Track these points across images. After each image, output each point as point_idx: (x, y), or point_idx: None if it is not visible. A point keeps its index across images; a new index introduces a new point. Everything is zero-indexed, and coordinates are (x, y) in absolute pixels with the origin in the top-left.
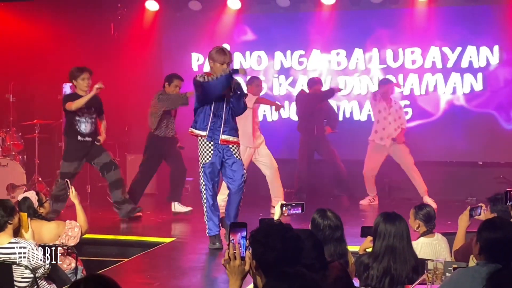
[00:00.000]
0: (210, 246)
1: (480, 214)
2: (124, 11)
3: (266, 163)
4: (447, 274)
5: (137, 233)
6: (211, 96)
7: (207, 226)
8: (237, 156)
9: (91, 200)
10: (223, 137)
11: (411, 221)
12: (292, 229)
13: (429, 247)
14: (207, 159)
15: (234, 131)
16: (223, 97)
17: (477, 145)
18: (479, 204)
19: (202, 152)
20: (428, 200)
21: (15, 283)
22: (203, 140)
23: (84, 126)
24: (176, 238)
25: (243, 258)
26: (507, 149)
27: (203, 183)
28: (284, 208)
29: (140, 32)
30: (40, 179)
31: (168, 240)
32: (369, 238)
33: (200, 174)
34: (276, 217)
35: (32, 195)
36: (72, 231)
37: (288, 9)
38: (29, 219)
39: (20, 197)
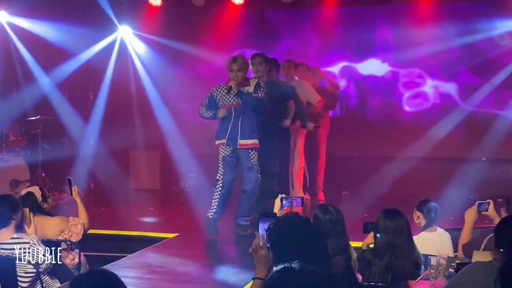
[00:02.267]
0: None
1: (487, 210)
2: (127, 6)
3: None
4: (450, 269)
5: (140, 229)
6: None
7: (214, 210)
8: (253, 161)
9: (94, 195)
10: (241, 142)
11: (414, 214)
12: (310, 222)
13: (430, 242)
14: (227, 153)
15: (252, 133)
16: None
17: (480, 141)
18: (487, 200)
19: (221, 153)
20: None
21: (18, 278)
22: (222, 146)
23: None
24: (179, 233)
25: (269, 248)
26: (511, 144)
27: (222, 171)
28: (284, 201)
29: (143, 28)
30: (43, 174)
31: (171, 235)
32: (372, 233)
33: (220, 165)
34: (275, 210)
35: (36, 190)
36: (75, 227)
37: (292, 4)
38: (32, 214)
39: (24, 192)
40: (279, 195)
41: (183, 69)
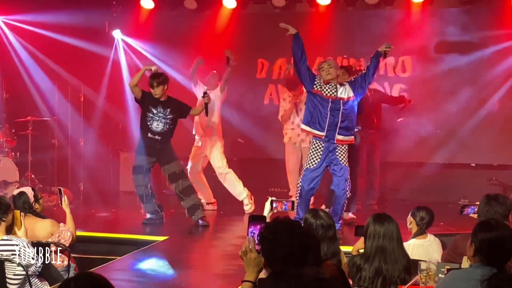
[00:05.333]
0: None
1: (475, 212)
2: (119, 9)
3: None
4: (440, 275)
5: (129, 231)
6: None
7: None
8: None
9: (84, 197)
10: (339, 137)
11: (408, 219)
12: (301, 226)
13: (421, 249)
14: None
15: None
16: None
17: (470, 147)
18: (476, 203)
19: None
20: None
21: (7, 280)
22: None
23: (156, 124)
24: (168, 236)
25: (259, 251)
26: (500, 151)
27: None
28: (274, 205)
29: (135, 30)
30: (32, 176)
31: (160, 238)
32: (363, 238)
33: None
34: (265, 213)
35: (28, 190)
36: (64, 233)
37: (283, 8)
38: (23, 214)
39: (16, 192)
40: (269, 198)
41: (176, 72)
